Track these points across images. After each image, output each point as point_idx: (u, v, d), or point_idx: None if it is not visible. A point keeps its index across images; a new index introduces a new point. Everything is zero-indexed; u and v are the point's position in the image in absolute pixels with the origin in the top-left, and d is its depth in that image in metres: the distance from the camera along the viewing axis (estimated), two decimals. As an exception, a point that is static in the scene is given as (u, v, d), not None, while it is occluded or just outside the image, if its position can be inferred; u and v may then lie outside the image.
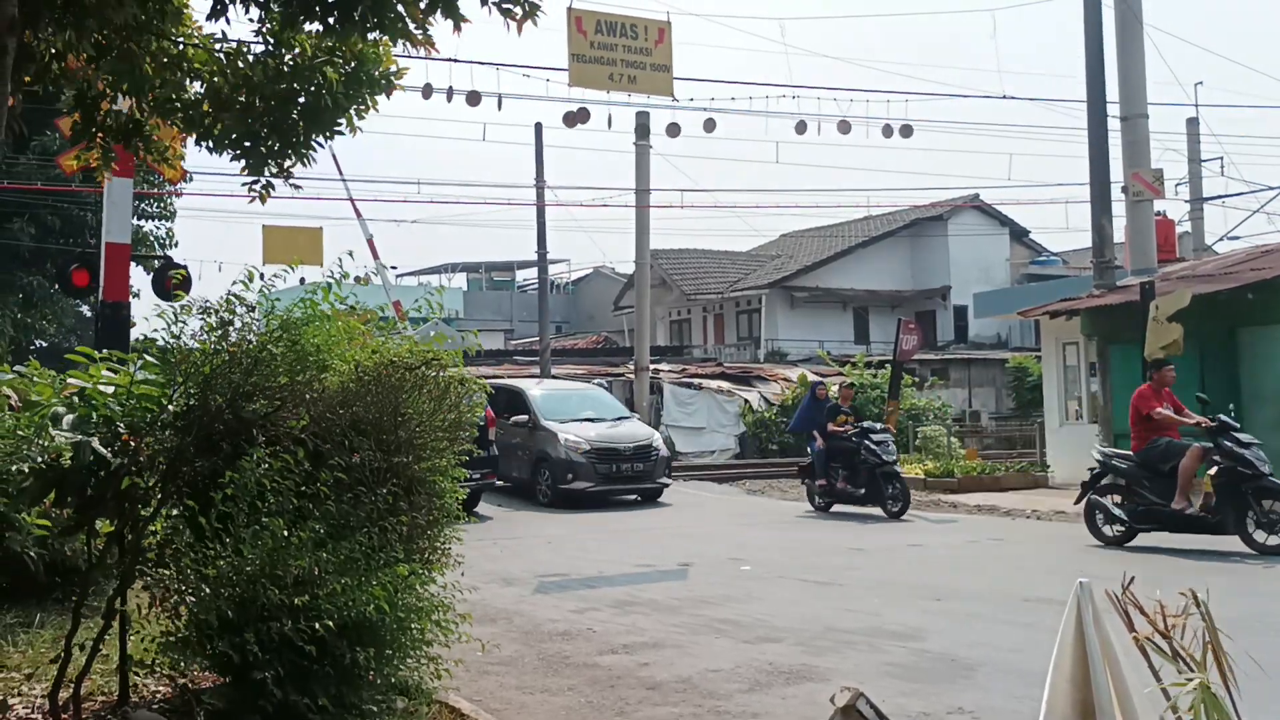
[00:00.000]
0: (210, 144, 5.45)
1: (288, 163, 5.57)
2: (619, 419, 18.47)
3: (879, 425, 15.91)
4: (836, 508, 15.64)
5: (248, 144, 5.45)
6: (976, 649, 6.78)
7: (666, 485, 17.84)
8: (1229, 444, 10.66)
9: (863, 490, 15.00)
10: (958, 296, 37.33)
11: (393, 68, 5.45)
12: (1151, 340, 14.11)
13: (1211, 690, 2.76)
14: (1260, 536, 10.45)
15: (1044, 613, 7.47)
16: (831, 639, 7.17)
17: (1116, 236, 18.93)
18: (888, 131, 20.30)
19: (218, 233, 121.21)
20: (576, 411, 18.14)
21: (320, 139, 5.55)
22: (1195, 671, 2.81)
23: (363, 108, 5.46)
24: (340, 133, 5.53)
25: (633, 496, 17.55)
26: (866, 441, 14.92)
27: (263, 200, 5.71)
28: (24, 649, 5.97)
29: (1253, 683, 3.00)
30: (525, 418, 17.77)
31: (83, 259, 13.32)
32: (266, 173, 5.59)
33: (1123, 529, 11.39)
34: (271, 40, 5.22)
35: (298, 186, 5.82)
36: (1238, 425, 11.04)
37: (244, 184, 5.62)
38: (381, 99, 5.65)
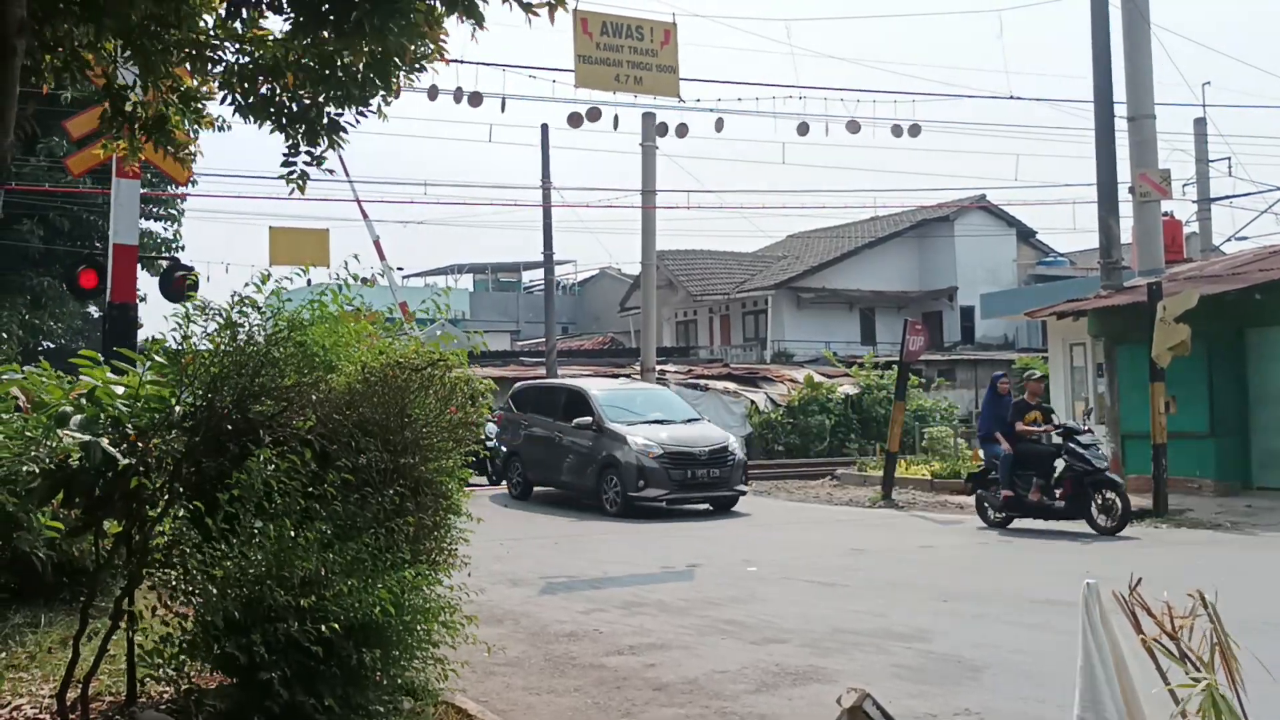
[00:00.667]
0: (252, 115, 5.42)
1: (319, 148, 5.54)
2: (689, 420, 17.32)
3: (1083, 425, 13.64)
4: (1018, 523, 13.27)
5: (283, 119, 5.43)
6: (983, 650, 6.75)
7: (743, 493, 16.40)
8: None
9: (1062, 503, 12.74)
10: (964, 297, 37.24)
11: (430, 46, 5.33)
12: (1159, 341, 14.06)
13: (1219, 691, 2.75)
14: None
15: (1050, 613, 7.48)
16: (838, 640, 7.16)
17: (1124, 237, 18.89)
18: (897, 131, 20.20)
19: (225, 234, 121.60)
20: (643, 413, 16.95)
21: (351, 119, 5.50)
22: (1204, 672, 2.81)
23: (390, 92, 5.41)
24: (371, 111, 5.49)
25: (704, 506, 16.23)
26: (1072, 444, 12.67)
27: (301, 189, 5.63)
28: (32, 649, 5.99)
29: (1260, 685, 3.00)
30: (589, 420, 16.56)
31: (90, 260, 13.35)
32: (300, 162, 5.56)
33: None
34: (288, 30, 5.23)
35: (306, 180, 5.75)
36: None
37: (280, 176, 5.60)
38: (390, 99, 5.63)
